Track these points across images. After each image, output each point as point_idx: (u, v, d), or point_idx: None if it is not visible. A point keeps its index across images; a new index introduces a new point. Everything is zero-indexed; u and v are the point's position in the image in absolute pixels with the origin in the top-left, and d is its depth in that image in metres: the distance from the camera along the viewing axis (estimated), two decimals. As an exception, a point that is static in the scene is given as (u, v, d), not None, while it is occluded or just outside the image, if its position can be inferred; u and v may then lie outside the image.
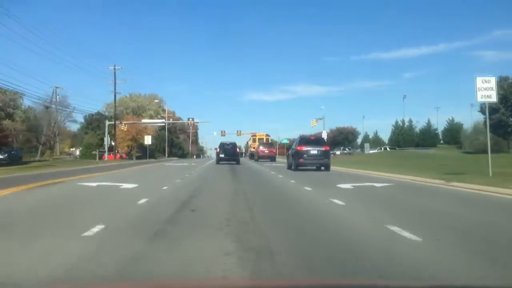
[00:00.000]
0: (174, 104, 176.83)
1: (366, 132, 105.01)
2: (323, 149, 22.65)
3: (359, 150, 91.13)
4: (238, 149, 37.08)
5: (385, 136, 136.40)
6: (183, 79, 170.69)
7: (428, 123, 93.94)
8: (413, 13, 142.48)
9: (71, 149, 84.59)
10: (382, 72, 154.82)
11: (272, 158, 42.89)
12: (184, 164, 32.12)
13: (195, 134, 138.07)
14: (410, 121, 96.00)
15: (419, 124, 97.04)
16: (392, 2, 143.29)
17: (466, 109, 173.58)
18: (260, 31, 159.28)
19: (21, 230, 5.80)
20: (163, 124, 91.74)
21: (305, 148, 22.06)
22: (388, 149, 77.52)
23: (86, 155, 46.98)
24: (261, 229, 5.86)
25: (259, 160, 42.34)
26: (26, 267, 3.91)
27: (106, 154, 52.38)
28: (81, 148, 57.96)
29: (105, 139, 52.15)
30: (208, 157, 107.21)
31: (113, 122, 56.28)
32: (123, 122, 57.78)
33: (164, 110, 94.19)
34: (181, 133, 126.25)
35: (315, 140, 24.45)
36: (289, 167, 23.69)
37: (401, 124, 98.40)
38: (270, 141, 53.66)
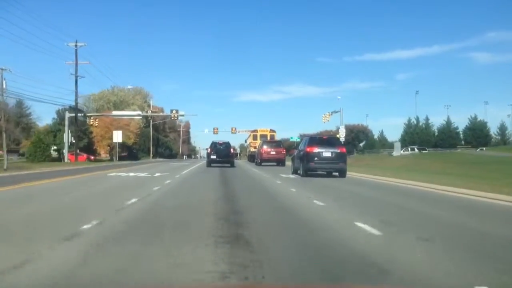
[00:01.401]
0: (165, 103, 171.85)
1: (371, 131, 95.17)
2: (338, 151, 19.14)
3: (361, 151, 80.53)
4: (232, 150, 32.16)
5: (391, 136, 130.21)
6: (175, 78, 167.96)
7: (448, 121, 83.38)
8: (406, 14, 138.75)
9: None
10: (375, 73, 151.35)
11: (280, 162, 32.11)
12: (141, 176, 18.46)
13: (187, 133, 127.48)
14: (427, 118, 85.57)
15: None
16: (385, 3, 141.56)
17: (473, 109, 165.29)
18: (253, 32, 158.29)
19: None
20: (149, 120, 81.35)
21: (316, 150, 18.86)
22: (416, 150, 66.41)
23: (36, 155, 35.95)
24: None
25: (263, 164, 31.73)
26: None
27: (65, 155, 41.49)
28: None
29: (65, 135, 41.31)
30: (201, 157, 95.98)
31: (84, 115, 45.33)
32: (89, 114, 46.83)
33: (150, 106, 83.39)
34: (171, 132, 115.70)
35: (328, 140, 20.63)
36: (295, 172, 20.83)
37: (414, 123, 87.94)
38: (275, 138, 42.07)
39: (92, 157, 51.12)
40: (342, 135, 38.29)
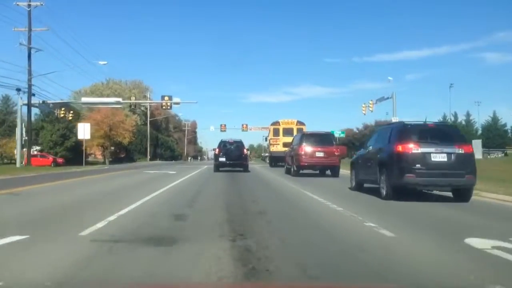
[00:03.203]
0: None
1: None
2: (461, 151, 9.88)
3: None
4: (245, 150, 26.29)
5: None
6: (182, 79, 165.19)
7: (494, 118, 71.58)
8: (415, 15, 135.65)
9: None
10: (384, 74, 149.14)
11: (331, 169, 20.12)
12: None
13: (193, 133, 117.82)
14: (468, 114, 73.99)
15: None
16: (394, 3, 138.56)
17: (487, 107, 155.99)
18: (262, 33, 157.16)
19: None
20: (149, 118, 71.47)
21: (419, 149, 9.89)
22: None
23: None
24: None
25: (301, 171, 19.76)
26: None
27: (18, 156, 31.08)
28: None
29: (17, 130, 30.98)
30: (209, 159, 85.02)
31: (43, 102, 34.94)
32: (51, 102, 36.32)
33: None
34: (176, 132, 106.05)
35: (439, 132, 10.73)
36: (358, 187, 12.40)
37: (452, 119, 76.33)
38: (304, 130, 27.40)
39: (60, 160, 40.61)
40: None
